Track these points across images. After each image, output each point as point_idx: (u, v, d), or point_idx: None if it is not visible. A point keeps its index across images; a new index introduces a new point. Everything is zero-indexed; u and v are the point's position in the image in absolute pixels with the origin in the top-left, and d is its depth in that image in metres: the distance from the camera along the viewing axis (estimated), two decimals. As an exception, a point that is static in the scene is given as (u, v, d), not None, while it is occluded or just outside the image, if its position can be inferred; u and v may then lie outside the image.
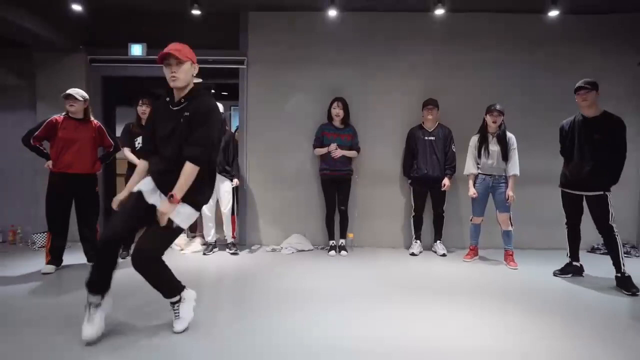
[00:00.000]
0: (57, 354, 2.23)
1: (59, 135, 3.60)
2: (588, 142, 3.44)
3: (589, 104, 3.43)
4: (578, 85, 3.46)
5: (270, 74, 4.76)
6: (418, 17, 4.59)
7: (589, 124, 3.46)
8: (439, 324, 2.69)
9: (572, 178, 3.57)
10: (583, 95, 3.42)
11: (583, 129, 3.49)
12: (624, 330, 2.63)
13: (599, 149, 3.39)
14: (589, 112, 3.47)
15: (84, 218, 3.80)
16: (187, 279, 3.55)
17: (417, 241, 4.59)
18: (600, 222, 3.44)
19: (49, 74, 4.67)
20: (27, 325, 2.58)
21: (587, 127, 3.46)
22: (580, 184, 3.52)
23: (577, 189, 3.56)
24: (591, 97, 3.41)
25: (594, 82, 3.43)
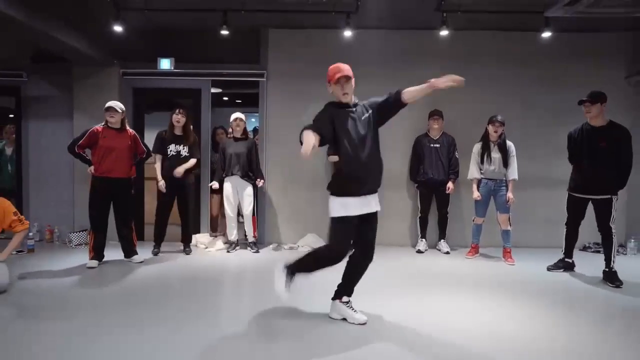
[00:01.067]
0: (114, 337, 2.60)
1: (100, 143, 3.98)
2: (595, 150, 3.74)
3: (593, 116, 3.75)
4: (581, 99, 3.78)
5: (287, 86, 5.15)
6: (425, 34, 4.97)
7: (595, 133, 3.77)
8: (445, 311, 3.05)
9: (581, 183, 3.87)
10: (587, 108, 3.76)
11: (590, 138, 3.79)
12: (610, 317, 3.02)
13: (606, 156, 3.71)
14: (595, 122, 3.78)
15: (122, 218, 4.18)
16: (213, 275, 3.98)
17: (422, 240, 4.98)
18: (601, 222, 3.79)
19: (85, 86, 5.06)
20: (82, 309, 2.97)
21: (594, 136, 3.76)
22: (589, 189, 3.83)
23: (586, 193, 3.86)
24: (595, 110, 3.72)
25: (598, 94, 3.72)
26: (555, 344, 2.54)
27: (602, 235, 3.83)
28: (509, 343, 2.53)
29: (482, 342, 2.52)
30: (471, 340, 2.56)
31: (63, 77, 5.11)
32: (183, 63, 5.12)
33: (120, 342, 2.46)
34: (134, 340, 2.49)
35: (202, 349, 2.39)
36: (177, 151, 4.51)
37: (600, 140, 3.74)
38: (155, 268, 4.12)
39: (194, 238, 5.04)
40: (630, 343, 2.58)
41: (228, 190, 4.76)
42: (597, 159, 3.75)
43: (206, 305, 3.14)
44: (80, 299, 3.22)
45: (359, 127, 2.61)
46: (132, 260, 4.22)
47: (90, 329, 2.65)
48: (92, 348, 2.39)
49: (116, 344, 2.44)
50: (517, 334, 2.66)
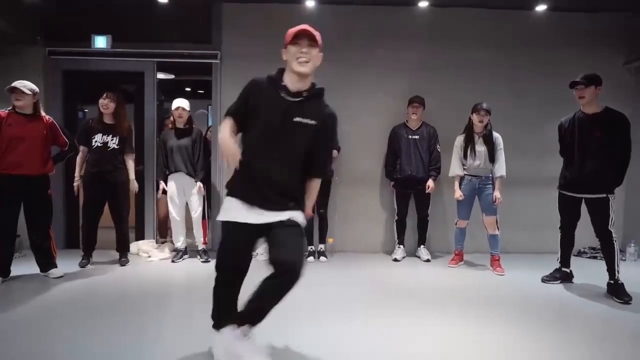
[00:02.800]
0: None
1: (4, 132, 3.25)
2: (589, 140, 3.23)
3: (587, 101, 3.22)
4: (573, 81, 3.25)
5: (245, 69, 4.40)
6: (400, 11, 4.42)
7: (589, 121, 3.25)
8: (423, 335, 2.48)
9: (572, 180, 3.35)
10: (580, 92, 3.23)
11: (583, 127, 3.27)
12: (615, 342, 2.46)
13: (601, 147, 3.18)
14: (588, 108, 3.26)
15: (35, 224, 3.45)
16: (153, 289, 3.30)
17: (400, 246, 4.38)
18: (599, 226, 3.25)
19: (2, 66, 4.29)
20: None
21: (588, 125, 3.24)
22: (581, 186, 3.31)
23: (578, 191, 3.35)
24: (589, 94, 3.20)
25: (593, 76, 3.21)
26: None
27: (600, 241, 3.29)
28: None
29: None
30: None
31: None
32: (122, 42, 4.40)
33: None
34: None
35: None
36: (103, 142, 3.79)
37: (594, 130, 3.21)
38: (78, 284, 3.42)
39: (136, 245, 4.35)
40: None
41: (172, 189, 4.08)
42: (590, 150, 3.22)
43: (137, 330, 2.48)
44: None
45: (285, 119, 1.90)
46: (48, 274, 3.50)
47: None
48: None
49: None
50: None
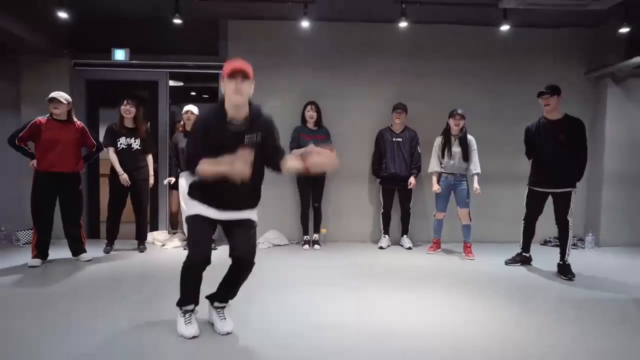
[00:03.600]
0: (56, 336, 2.45)
1: (43, 136, 3.78)
2: (553, 143, 3.75)
3: (552, 108, 3.76)
4: (540, 91, 3.78)
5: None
6: (386, 27, 4.92)
7: (553, 126, 3.78)
8: (404, 306, 2.99)
9: (541, 177, 3.86)
10: (545, 100, 3.76)
11: (548, 131, 3.79)
12: (562, 309, 3.00)
13: (564, 149, 3.71)
14: (552, 115, 3.80)
15: (69, 214, 3.99)
16: (168, 273, 3.82)
17: (385, 236, 4.92)
18: (560, 214, 3.80)
19: (33, 76, 4.83)
20: (23, 309, 2.79)
21: (552, 129, 3.77)
22: (549, 183, 3.82)
23: (546, 187, 3.86)
24: (553, 102, 3.73)
25: (555, 86, 3.75)
26: (509, 335, 2.51)
27: (559, 228, 3.84)
28: (460, 339, 2.47)
29: (436, 343, 2.44)
30: (423, 334, 2.50)
31: (9, 67, 4.86)
32: (139, 54, 4.94)
33: (63, 344, 2.30)
34: (80, 343, 2.33)
35: (149, 348, 2.27)
36: (127, 144, 4.34)
37: (559, 133, 3.75)
38: (104, 266, 3.95)
39: (151, 235, 4.88)
40: (579, 334, 2.57)
41: (183, 186, 4.61)
42: (557, 152, 3.75)
43: (157, 302, 2.98)
44: (20, 298, 3.04)
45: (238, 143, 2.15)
46: (79, 258, 4.04)
47: (32, 328, 2.50)
48: (33, 348, 2.24)
49: (60, 344, 2.29)
50: (471, 328, 2.62)
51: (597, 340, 2.48)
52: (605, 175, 5.05)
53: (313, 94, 4.91)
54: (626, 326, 2.70)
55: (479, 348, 2.34)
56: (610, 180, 5.04)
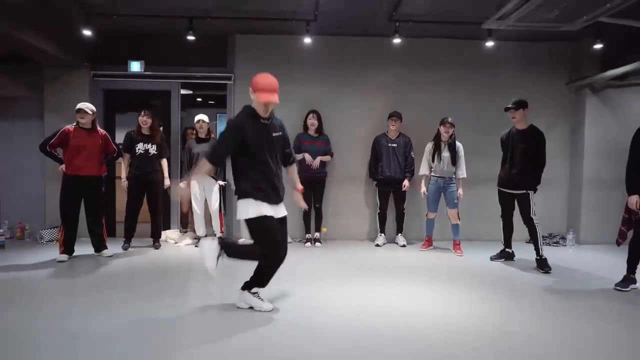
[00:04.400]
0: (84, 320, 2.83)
1: (71, 143, 4.17)
2: (516, 150, 4.19)
3: (517, 120, 4.19)
4: (506, 106, 4.22)
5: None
6: (381, 41, 5.29)
7: (518, 135, 4.22)
8: (397, 295, 3.36)
9: (505, 179, 4.33)
10: (512, 113, 4.19)
11: (514, 140, 4.24)
12: (539, 298, 3.39)
13: (524, 156, 4.14)
14: (519, 125, 4.23)
15: (92, 214, 4.38)
16: (181, 266, 4.21)
17: (381, 234, 5.31)
18: (524, 215, 4.22)
19: (56, 87, 5.21)
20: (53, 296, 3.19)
21: (517, 138, 4.22)
22: (510, 184, 4.28)
23: (509, 188, 4.31)
24: (518, 115, 4.16)
25: (521, 101, 4.16)
26: (489, 318, 2.88)
27: (526, 226, 4.24)
28: (447, 326, 2.80)
29: (425, 324, 2.79)
30: (415, 316, 2.87)
31: (33, 78, 5.25)
32: (153, 66, 5.33)
33: (89, 324, 2.66)
34: (104, 323, 2.69)
35: (167, 331, 2.62)
36: (145, 149, 4.73)
37: (520, 142, 4.18)
38: (124, 261, 4.32)
39: (164, 234, 5.26)
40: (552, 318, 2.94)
41: (195, 187, 5.00)
42: (517, 158, 4.18)
43: (173, 292, 3.36)
44: (51, 288, 3.44)
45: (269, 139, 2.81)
46: (102, 254, 4.41)
47: (61, 312, 2.87)
48: (62, 328, 2.60)
49: (85, 327, 2.64)
50: (458, 313, 2.99)
51: (568, 326, 2.85)
52: (585, 178, 5.43)
53: (314, 103, 5.30)
54: (595, 312, 3.08)
55: (464, 329, 2.73)
56: (589, 182, 5.42)
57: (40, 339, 2.49)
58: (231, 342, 2.50)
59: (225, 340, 2.53)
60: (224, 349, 2.41)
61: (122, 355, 2.30)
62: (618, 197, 5.40)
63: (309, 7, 4.51)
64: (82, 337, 2.49)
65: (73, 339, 2.47)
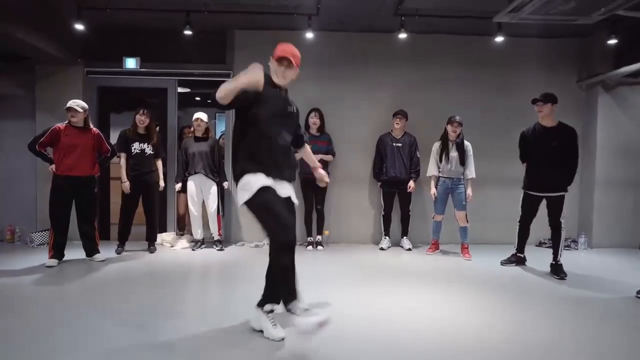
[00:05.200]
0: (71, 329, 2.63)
1: (62, 141, 3.98)
2: (548, 149, 3.92)
3: (545, 115, 3.93)
4: (534, 98, 3.96)
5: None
6: (386, 37, 5.13)
7: (547, 133, 3.95)
8: (403, 302, 3.18)
9: (536, 181, 4.04)
10: (539, 107, 3.94)
11: (543, 138, 3.95)
12: (554, 306, 3.19)
13: (558, 155, 3.89)
14: (546, 122, 3.97)
15: (84, 216, 4.18)
16: (177, 272, 4.02)
17: (386, 237, 5.11)
18: (553, 217, 3.99)
19: (48, 84, 5.03)
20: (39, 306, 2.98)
21: (546, 136, 3.94)
22: (543, 187, 4.00)
23: (540, 191, 4.03)
24: (546, 109, 3.90)
25: (549, 95, 3.91)
26: (503, 332, 2.67)
27: (552, 229, 4.03)
28: (459, 333, 2.64)
29: (434, 334, 2.63)
30: (420, 331, 2.67)
31: (25, 76, 5.06)
32: (149, 62, 5.14)
33: (79, 336, 2.47)
34: (94, 335, 2.49)
35: (161, 344, 2.42)
36: (141, 149, 4.54)
37: (552, 140, 3.92)
38: (117, 266, 4.13)
39: (160, 237, 5.06)
40: (569, 328, 2.75)
41: (192, 189, 4.81)
42: (550, 157, 3.93)
43: (166, 301, 3.16)
44: (38, 296, 3.23)
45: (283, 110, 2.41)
46: (93, 259, 4.22)
47: (50, 324, 2.67)
48: (49, 342, 2.40)
49: (75, 337, 2.45)
50: (467, 322, 2.80)
51: (585, 334, 2.67)
52: (597, 179, 5.24)
53: (316, 101, 5.12)
54: (614, 321, 2.89)
55: (477, 338, 2.53)
56: (601, 183, 5.23)
57: (23, 351, 2.29)
58: (231, 352, 2.32)
59: (225, 351, 2.34)
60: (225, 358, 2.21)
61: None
62: (632, 198, 5.24)
63: (311, 0, 4.33)
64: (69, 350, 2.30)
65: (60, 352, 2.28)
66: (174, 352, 2.36)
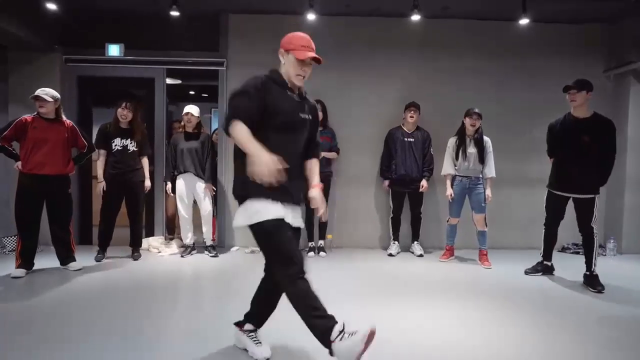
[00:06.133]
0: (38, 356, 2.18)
1: (29, 135, 3.53)
2: (579, 144, 3.43)
3: (578, 104, 3.43)
4: (566, 85, 3.46)
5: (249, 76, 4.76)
6: (395, 22, 4.71)
7: (579, 125, 3.46)
8: (412, 318, 2.76)
9: (562, 180, 3.58)
10: (572, 95, 3.44)
11: (573, 130, 3.47)
12: (591, 326, 2.74)
13: (590, 151, 3.40)
14: (579, 112, 3.47)
15: (57, 220, 3.73)
16: (165, 281, 3.58)
17: (394, 242, 4.66)
18: (583, 222, 3.52)
19: (22, 74, 4.59)
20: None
21: (577, 129, 3.45)
22: (570, 186, 3.54)
23: (567, 191, 3.58)
24: (580, 98, 3.40)
25: (585, 81, 3.42)
26: (532, 355, 2.25)
27: (583, 236, 3.57)
28: (479, 355, 2.22)
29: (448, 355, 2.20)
30: (437, 353, 2.24)
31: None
32: (134, 50, 4.69)
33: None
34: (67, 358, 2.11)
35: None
36: (123, 145, 4.08)
37: (583, 134, 3.43)
38: (95, 276, 3.68)
39: (146, 241, 4.61)
40: (610, 356, 2.29)
41: (181, 189, 4.35)
42: (580, 153, 3.45)
43: (149, 319, 2.73)
44: (2, 314, 2.76)
45: (296, 117, 2.04)
46: (68, 267, 3.77)
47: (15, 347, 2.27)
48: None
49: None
50: (487, 347, 2.36)
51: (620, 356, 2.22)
52: (627, 178, 4.81)
53: (318, 93, 4.64)
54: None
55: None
56: (632, 183, 4.80)
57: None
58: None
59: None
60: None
61: None
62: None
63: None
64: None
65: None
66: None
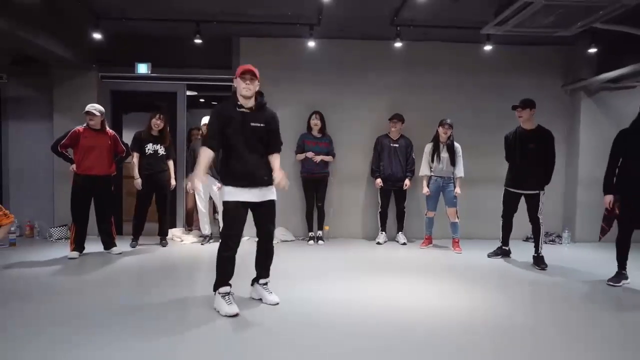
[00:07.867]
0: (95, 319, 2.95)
1: (81, 143, 4.29)
2: (525, 150, 4.27)
3: (524, 119, 4.27)
4: (514, 105, 4.30)
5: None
6: (383, 45, 5.44)
7: (526, 135, 4.29)
8: (398, 291, 3.49)
9: (514, 179, 4.40)
10: (519, 112, 4.28)
11: (522, 140, 4.30)
12: (534, 294, 3.54)
13: (534, 156, 4.23)
14: (526, 125, 4.30)
15: (102, 212, 4.49)
16: (187, 264, 4.33)
17: (382, 232, 5.44)
18: (531, 213, 4.33)
19: (64, 88, 5.32)
20: (65, 293, 3.29)
21: (525, 138, 4.29)
22: (520, 185, 4.35)
23: (518, 189, 4.39)
24: (525, 114, 4.24)
25: (529, 100, 4.24)
26: (487, 314, 3.00)
27: (532, 224, 4.37)
28: (448, 317, 2.93)
29: (424, 318, 2.93)
30: (414, 315, 2.97)
31: (43, 79, 5.36)
32: (160, 68, 5.44)
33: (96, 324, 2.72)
34: (112, 320, 2.77)
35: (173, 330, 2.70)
36: (154, 150, 4.85)
37: (530, 142, 4.26)
38: (133, 258, 4.44)
39: (170, 232, 5.37)
40: (548, 310, 3.11)
41: (200, 187, 5.11)
42: (527, 158, 4.27)
43: (177, 287, 3.48)
44: (63, 284, 3.54)
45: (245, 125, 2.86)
46: (111, 252, 4.53)
47: (73, 308, 2.97)
48: (72, 326, 2.66)
49: (100, 323, 2.73)
50: (456, 307, 3.11)
51: (563, 315, 3.01)
52: (580, 177, 5.57)
53: (317, 104, 5.43)
54: (588, 304, 3.26)
55: (461, 320, 2.86)
56: (584, 182, 5.56)
57: (55, 333, 2.56)
58: (236, 337, 2.57)
59: (230, 334, 2.60)
60: (229, 345, 2.47)
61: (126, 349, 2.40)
62: (612, 196, 5.57)
63: (313, 12, 4.64)
64: (96, 333, 2.59)
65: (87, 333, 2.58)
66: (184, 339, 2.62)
